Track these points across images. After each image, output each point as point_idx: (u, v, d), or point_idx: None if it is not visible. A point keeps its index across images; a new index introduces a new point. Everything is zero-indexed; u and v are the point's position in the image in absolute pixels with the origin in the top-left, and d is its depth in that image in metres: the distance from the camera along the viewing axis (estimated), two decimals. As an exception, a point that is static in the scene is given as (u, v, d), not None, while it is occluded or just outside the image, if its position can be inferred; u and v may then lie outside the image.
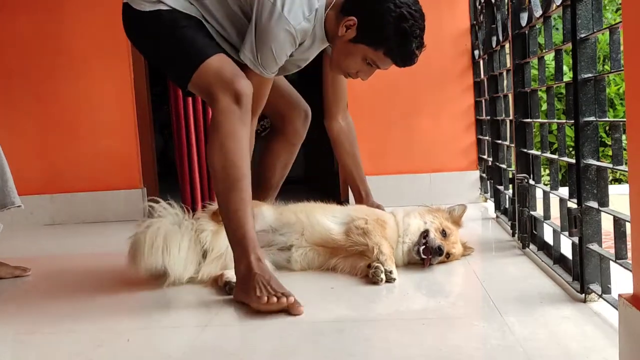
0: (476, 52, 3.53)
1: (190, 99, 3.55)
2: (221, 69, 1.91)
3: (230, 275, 1.97)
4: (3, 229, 2.41)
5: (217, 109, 1.87)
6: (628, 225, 1.39)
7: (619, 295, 1.25)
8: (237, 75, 1.91)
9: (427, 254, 2.14)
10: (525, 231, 2.28)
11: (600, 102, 1.67)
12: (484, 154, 3.47)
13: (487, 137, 3.31)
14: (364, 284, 2.03)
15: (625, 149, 1.43)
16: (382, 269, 2.01)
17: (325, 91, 2.56)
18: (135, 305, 1.95)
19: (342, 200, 3.59)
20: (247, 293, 1.78)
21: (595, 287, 1.67)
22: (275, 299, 1.72)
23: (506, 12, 2.57)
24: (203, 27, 2.04)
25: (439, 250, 2.13)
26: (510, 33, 2.41)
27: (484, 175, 3.46)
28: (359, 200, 2.66)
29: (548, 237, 2.09)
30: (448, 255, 2.19)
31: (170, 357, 1.52)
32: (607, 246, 1.69)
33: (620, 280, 1.60)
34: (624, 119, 1.31)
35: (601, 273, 1.65)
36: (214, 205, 2.16)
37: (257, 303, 1.73)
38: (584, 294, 1.70)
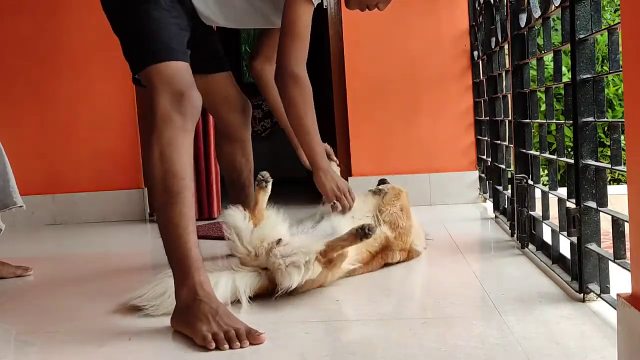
0: (475, 53, 3.54)
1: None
2: (177, 76, 1.77)
3: None
4: (5, 229, 2.42)
5: (158, 115, 1.72)
6: (627, 225, 1.40)
7: (618, 295, 1.26)
8: (190, 86, 1.77)
9: None
10: (524, 231, 2.29)
11: (599, 102, 1.68)
12: (483, 155, 3.48)
13: (486, 138, 3.32)
14: (364, 283, 2.05)
15: (623, 150, 1.44)
16: None
17: (265, 36, 2.34)
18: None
19: None
20: (190, 325, 1.59)
21: (594, 287, 1.67)
22: (225, 342, 1.52)
23: (505, 13, 2.58)
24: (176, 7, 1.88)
25: None
26: (509, 34, 2.42)
27: (483, 175, 3.47)
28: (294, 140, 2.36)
29: (547, 237, 2.10)
30: None
31: (172, 357, 1.53)
32: (606, 246, 1.69)
33: (619, 279, 1.61)
34: (623, 120, 1.32)
35: (600, 273, 1.66)
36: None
37: (202, 341, 1.54)
38: (582, 294, 1.71)
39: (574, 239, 1.75)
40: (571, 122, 1.74)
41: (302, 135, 2.06)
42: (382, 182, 2.47)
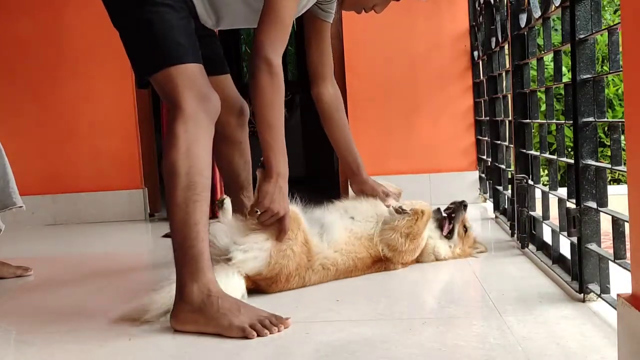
0: (475, 53, 3.54)
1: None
2: (199, 77, 1.78)
3: None
4: (5, 229, 2.42)
5: (186, 113, 1.71)
6: (627, 225, 1.40)
7: (618, 295, 1.26)
8: (210, 88, 1.80)
9: None
10: (525, 231, 2.29)
11: (599, 102, 1.68)
12: (484, 155, 3.48)
13: (486, 138, 3.32)
14: (364, 283, 2.05)
15: (624, 150, 1.44)
16: None
17: (310, 56, 2.31)
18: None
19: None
20: (213, 321, 1.61)
21: (594, 287, 1.67)
22: (265, 330, 1.58)
23: (505, 13, 2.58)
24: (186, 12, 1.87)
25: None
26: (509, 34, 2.42)
27: (483, 175, 3.47)
28: (351, 175, 2.42)
29: (547, 237, 2.10)
30: None
31: (172, 357, 1.53)
32: (606, 246, 1.69)
33: (619, 280, 1.61)
34: (623, 120, 1.32)
35: (600, 273, 1.66)
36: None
37: (241, 333, 1.58)
38: (582, 294, 1.71)
39: (574, 239, 1.75)
40: (571, 122, 1.74)
41: (264, 129, 1.87)
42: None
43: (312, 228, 2.05)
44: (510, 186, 2.58)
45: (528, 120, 2.32)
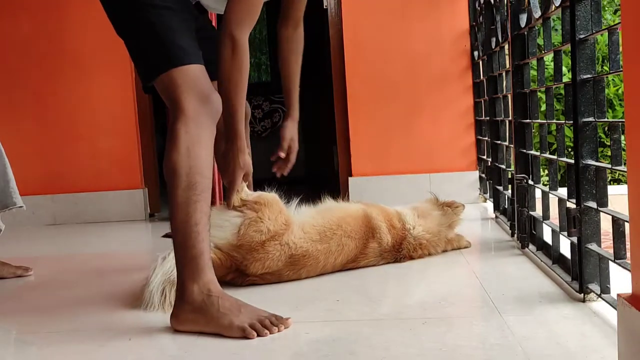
0: (475, 53, 3.54)
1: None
2: (200, 78, 1.78)
3: None
4: (5, 229, 2.42)
5: (187, 114, 1.72)
6: (627, 225, 1.40)
7: (618, 295, 1.26)
8: (212, 89, 1.79)
9: None
10: (525, 231, 2.29)
11: (599, 102, 1.68)
12: (484, 155, 3.48)
13: (486, 138, 3.32)
14: (364, 283, 2.05)
15: (624, 150, 1.44)
16: None
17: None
18: (137, 304, 1.95)
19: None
20: (213, 321, 1.62)
21: (594, 287, 1.67)
22: (265, 330, 1.59)
23: (505, 13, 2.58)
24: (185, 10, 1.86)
25: None
26: (509, 34, 2.42)
27: (484, 175, 3.47)
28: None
29: (547, 237, 2.10)
30: None
31: (172, 357, 1.53)
32: (606, 246, 1.70)
33: (619, 280, 1.61)
34: (623, 120, 1.32)
35: (600, 273, 1.66)
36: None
37: (241, 332, 1.59)
38: (582, 294, 1.71)
39: (574, 239, 1.75)
40: (571, 122, 1.74)
41: (223, 101, 1.86)
42: None
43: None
44: (510, 186, 2.58)
45: (528, 120, 2.32)
